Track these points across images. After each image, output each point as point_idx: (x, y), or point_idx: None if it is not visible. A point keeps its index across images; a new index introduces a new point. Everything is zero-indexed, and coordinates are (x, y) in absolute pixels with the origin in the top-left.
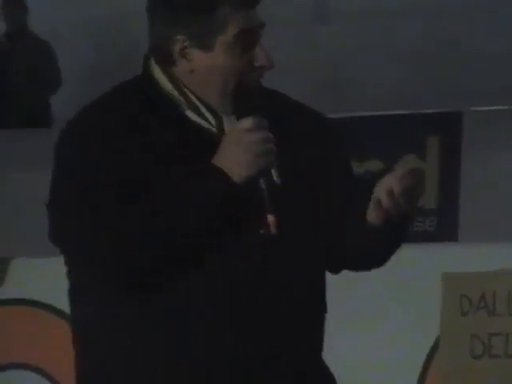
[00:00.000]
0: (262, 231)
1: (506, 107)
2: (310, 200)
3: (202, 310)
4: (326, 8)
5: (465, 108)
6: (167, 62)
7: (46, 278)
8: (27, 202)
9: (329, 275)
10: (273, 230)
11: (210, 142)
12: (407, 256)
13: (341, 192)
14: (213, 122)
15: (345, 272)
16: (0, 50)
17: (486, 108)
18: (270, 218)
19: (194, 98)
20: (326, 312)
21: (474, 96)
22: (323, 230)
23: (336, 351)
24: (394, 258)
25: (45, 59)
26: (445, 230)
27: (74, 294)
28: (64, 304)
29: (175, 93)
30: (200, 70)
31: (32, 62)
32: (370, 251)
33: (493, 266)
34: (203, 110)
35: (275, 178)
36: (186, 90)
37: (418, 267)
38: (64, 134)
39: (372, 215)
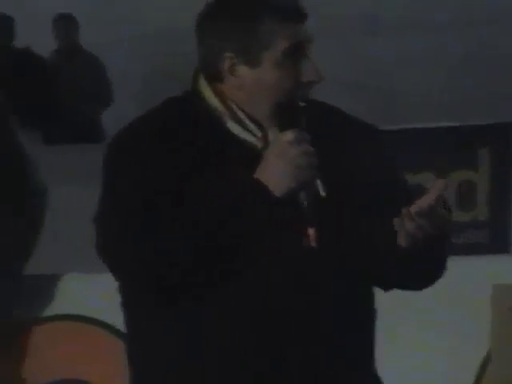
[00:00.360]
0: (303, 244)
1: None
2: (353, 214)
3: (242, 323)
4: (373, 20)
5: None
6: (216, 78)
7: (97, 294)
8: (78, 218)
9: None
10: (313, 243)
11: (255, 156)
12: (460, 268)
13: (384, 207)
14: (259, 135)
15: None
16: (51, 65)
17: None
18: (311, 231)
19: (239, 113)
20: (372, 323)
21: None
22: (364, 245)
23: (387, 363)
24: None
25: (96, 75)
26: (497, 242)
27: (125, 308)
28: (115, 320)
29: (221, 108)
30: (248, 85)
31: (83, 77)
32: (410, 270)
33: None
34: (249, 124)
35: (320, 191)
36: (232, 104)
37: (470, 279)
38: (110, 148)
39: (399, 238)
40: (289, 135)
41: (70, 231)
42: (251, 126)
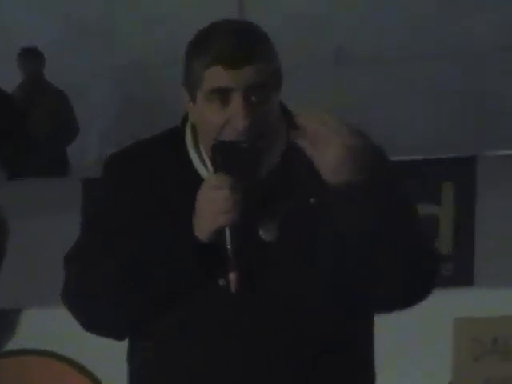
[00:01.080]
0: (220, 283)
1: None
2: (303, 257)
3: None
4: (363, 51)
5: (479, 153)
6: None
7: (58, 328)
8: (42, 251)
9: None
10: (234, 286)
11: None
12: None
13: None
14: None
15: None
16: (16, 100)
17: (500, 153)
18: (232, 276)
19: (202, 151)
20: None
21: (488, 141)
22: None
23: None
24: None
25: (62, 108)
26: (460, 274)
27: None
28: (75, 353)
29: (192, 145)
30: (195, 121)
31: (49, 111)
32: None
33: (509, 311)
34: (207, 163)
35: (261, 235)
36: (200, 142)
37: (433, 312)
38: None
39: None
40: (210, 179)
41: (35, 265)
42: (210, 165)
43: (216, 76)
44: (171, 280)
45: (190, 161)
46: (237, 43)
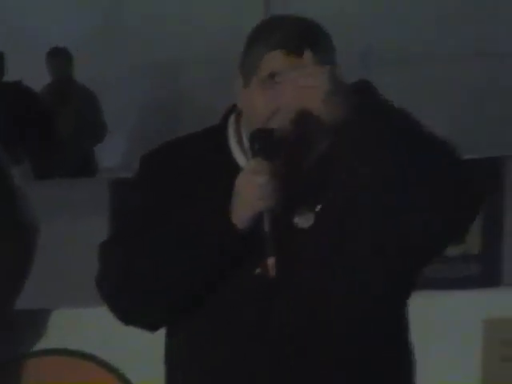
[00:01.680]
0: (257, 271)
1: None
2: (341, 245)
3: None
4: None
5: (508, 153)
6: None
7: (88, 328)
8: (71, 252)
9: None
10: (272, 272)
11: None
12: (451, 302)
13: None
14: None
15: None
16: (44, 99)
17: None
18: (270, 261)
19: (245, 140)
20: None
21: None
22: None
23: None
24: (435, 304)
25: (90, 109)
26: (488, 275)
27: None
28: (106, 354)
29: (234, 135)
30: (243, 107)
31: (77, 112)
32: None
33: None
34: (249, 152)
35: (296, 221)
36: (243, 131)
37: (462, 313)
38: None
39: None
40: (250, 165)
41: (62, 266)
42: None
43: (275, 60)
44: (209, 268)
45: (230, 153)
46: (300, 30)
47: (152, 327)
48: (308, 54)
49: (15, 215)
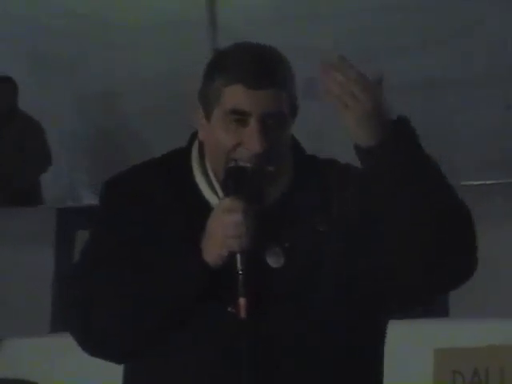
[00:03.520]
0: (230, 309)
1: (495, 181)
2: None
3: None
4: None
5: (455, 182)
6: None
7: (36, 356)
8: (18, 281)
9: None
10: (242, 313)
11: None
12: (399, 331)
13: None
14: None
15: None
16: None
17: (476, 182)
18: (241, 301)
19: (210, 173)
20: None
21: (463, 170)
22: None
23: None
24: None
25: (34, 138)
26: (436, 306)
27: None
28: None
29: (198, 167)
30: (206, 139)
31: (21, 140)
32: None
33: (483, 341)
34: (215, 184)
35: (268, 261)
36: (207, 164)
37: (409, 342)
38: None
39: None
40: (224, 203)
41: (8, 295)
42: (218, 187)
43: (236, 95)
44: (178, 305)
45: (195, 184)
46: (261, 64)
47: (118, 361)
48: (269, 90)
49: None
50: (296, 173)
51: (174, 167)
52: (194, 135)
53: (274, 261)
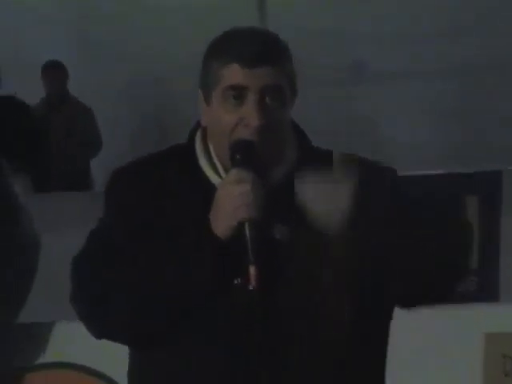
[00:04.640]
0: (236, 282)
1: None
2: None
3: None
4: (363, 68)
5: (504, 167)
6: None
7: (87, 340)
8: (68, 265)
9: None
10: (253, 282)
11: None
12: (449, 317)
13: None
14: None
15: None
16: (40, 114)
17: None
18: (252, 270)
19: (213, 155)
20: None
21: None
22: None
23: None
24: (434, 318)
25: (85, 123)
26: (486, 290)
27: None
28: (104, 366)
29: (201, 151)
30: (208, 123)
31: (72, 126)
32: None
33: None
34: (219, 167)
35: (275, 234)
36: (210, 147)
37: (459, 328)
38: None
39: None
40: (230, 175)
41: (61, 279)
42: (221, 169)
43: (233, 73)
44: (188, 283)
45: (199, 168)
46: (255, 43)
47: (128, 342)
48: (265, 67)
49: (18, 229)
50: (300, 155)
51: (178, 155)
52: (194, 130)
53: (281, 235)
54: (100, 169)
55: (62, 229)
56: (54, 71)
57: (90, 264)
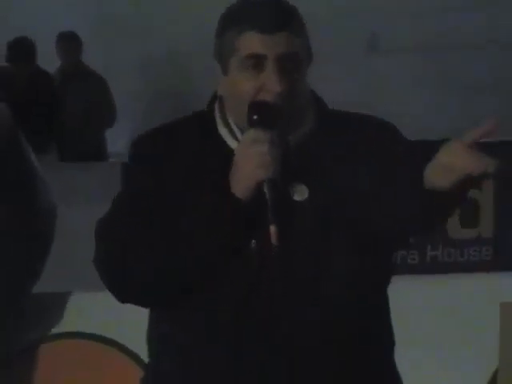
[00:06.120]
0: (253, 244)
1: None
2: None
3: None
4: (379, 41)
5: None
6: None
7: (105, 311)
8: (85, 235)
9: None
10: (274, 240)
11: None
12: (464, 285)
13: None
14: None
15: (400, 301)
16: (55, 85)
17: None
18: (272, 229)
19: (231, 123)
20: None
21: None
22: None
23: None
24: (449, 288)
25: (100, 94)
26: (501, 259)
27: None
28: (123, 337)
29: (220, 119)
30: (225, 93)
31: (87, 96)
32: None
33: None
34: (237, 133)
35: (292, 194)
36: (229, 116)
37: (474, 297)
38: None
39: (441, 181)
40: (249, 134)
41: (77, 249)
42: (239, 135)
43: (250, 41)
44: (209, 244)
45: (218, 135)
46: (271, 10)
47: (149, 304)
48: (282, 33)
49: (35, 199)
50: (318, 119)
51: (199, 121)
52: (213, 100)
53: (298, 195)
54: (115, 142)
55: (78, 199)
56: (69, 42)
57: (115, 226)
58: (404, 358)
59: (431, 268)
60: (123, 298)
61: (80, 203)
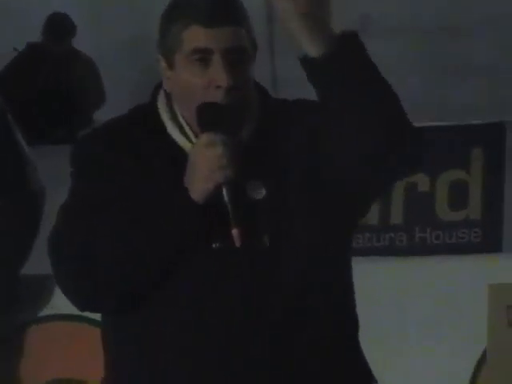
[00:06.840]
0: (214, 246)
1: None
2: (302, 213)
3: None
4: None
5: (508, 118)
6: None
7: None
8: None
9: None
10: (237, 243)
11: None
12: (452, 267)
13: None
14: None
15: (387, 284)
16: (44, 66)
17: None
18: (235, 232)
19: (181, 119)
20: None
21: None
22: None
23: (380, 363)
24: (438, 270)
25: (89, 76)
26: (489, 241)
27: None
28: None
29: (167, 116)
30: (172, 88)
31: (78, 78)
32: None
33: None
34: (187, 130)
35: (251, 192)
36: (176, 111)
37: (462, 278)
38: (71, 151)
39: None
40: (203, 138)
41: None
42: (189, 132)
43: (196, 35)
44: (170, 244)
45: (164, 131)
46: (215, 3)
47: (110, 312)
48: (228, 27)
49: (24, 180)
50: (264, 111)
51: (143, 118)
52: (156, 89)
53: (255, 193)
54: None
55: (65, 182)
56: (59, 23)
57: (68, 235)
58: (392, 339)
59: (420, 250)
60: (84, 306)
61: (67, 185)
